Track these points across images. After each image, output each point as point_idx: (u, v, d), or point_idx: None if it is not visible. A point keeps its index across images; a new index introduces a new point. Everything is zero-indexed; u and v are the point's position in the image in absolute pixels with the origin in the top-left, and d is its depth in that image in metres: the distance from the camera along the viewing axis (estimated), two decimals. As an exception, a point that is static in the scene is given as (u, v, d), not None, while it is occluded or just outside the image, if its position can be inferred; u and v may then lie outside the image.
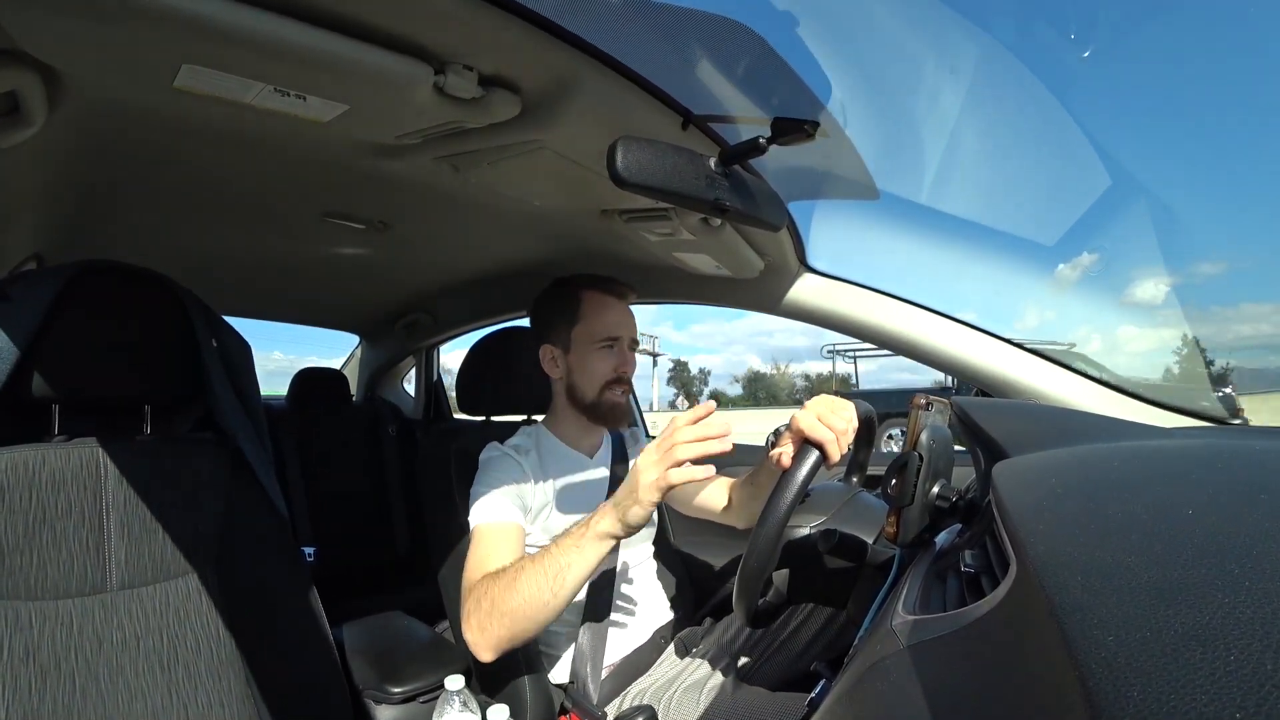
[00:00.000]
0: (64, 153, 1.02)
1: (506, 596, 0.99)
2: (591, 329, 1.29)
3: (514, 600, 0.98)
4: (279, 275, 1.97)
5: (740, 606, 0.88)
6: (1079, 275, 1.41)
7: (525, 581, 0.98)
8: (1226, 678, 0.24)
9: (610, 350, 1.29)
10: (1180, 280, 1.25)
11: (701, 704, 1.10)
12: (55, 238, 1.42)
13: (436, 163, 1.08)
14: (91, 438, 0.97)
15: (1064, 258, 1.38)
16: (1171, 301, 1.30)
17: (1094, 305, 1.45)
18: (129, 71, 0.75)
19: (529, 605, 0.98)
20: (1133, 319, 1.41)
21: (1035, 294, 1.45)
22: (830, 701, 0.58)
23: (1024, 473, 0.55)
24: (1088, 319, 1.46)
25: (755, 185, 0.92)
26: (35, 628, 0.88)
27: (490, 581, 1.02)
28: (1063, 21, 1.11)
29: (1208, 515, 0.37)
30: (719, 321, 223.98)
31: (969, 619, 0.45)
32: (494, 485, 1.17)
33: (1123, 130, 1.22)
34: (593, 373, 1.29)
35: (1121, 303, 1.41)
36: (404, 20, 0.70)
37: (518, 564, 1.02)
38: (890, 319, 1.36)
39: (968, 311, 1.32)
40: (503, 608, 0.99)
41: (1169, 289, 1.30)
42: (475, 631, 1.01)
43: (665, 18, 0.84)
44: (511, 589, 0.99)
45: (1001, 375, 1.28)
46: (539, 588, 0.98)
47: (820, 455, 0.87)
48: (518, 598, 0.98)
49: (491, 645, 1.01)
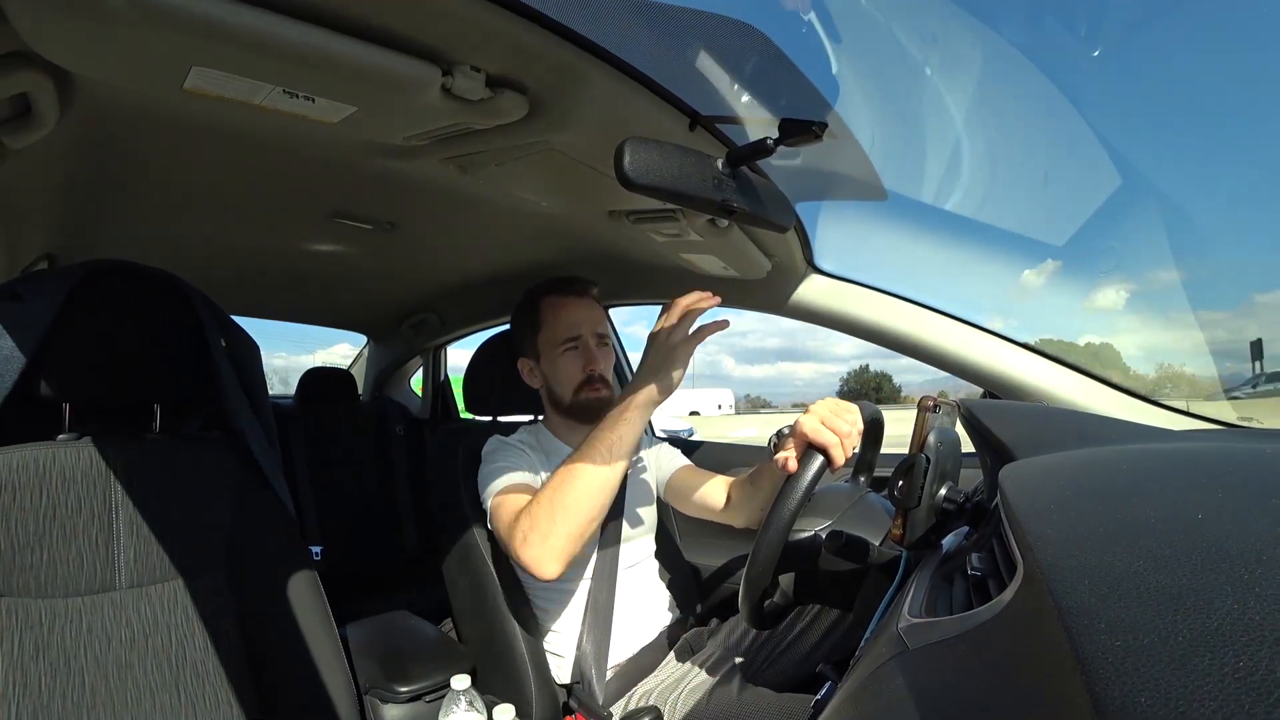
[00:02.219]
0: (75, 154, 1.02)
1: (564, 491, 1.01)
2: (554, 333, 1.31)
3: (573, 489, 1.01)
4: (287, 275, 1.98)
5: (746, 608, 0.88)
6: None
7: (580, 467, 1.01)
8: (1235, 683, 0.24)
9: (574, 350, 1.30)
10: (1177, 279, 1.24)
11: (707, 705, 1.10)
12: (66, 238, 1.43)
13: (444, 164, 1.08)
14: (101, 436, 0.98)
15: (1073, 257, 1.37)
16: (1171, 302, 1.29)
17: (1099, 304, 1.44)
18: (139, 74, 0.76)
19: (589, 487, 1.00)
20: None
21: (1044, 294, 1.44)
22: (836, 703, 0.58)
23: (1032, 475, 0.55)
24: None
25: (762, 186, 0.91)
26: (45, 625, 0.89)
27: (536, 500, 1.04)
28: (1072, 20, 1.10)
29: (1217, 519, 0.37)
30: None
31: (975, 622, 0.45)
32: (506, 465, 1.20)
33: (1133, 129, 1.21)
34: (564, 376, 1.30)
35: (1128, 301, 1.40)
36: (412, 22, 0.70)
37: (562, 466, 1.05)
38: (897, 320, 1.36)
39: (974, 312, 1.32)
40: (562, 503, 1.01)
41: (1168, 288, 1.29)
42: (535, 546, 1.01)
43: (672, 19, 0.84)
44: (568, 480, 1.01)
45: (1009, 377, 1.27)
46: (595, 467, 1.01)
47: (825, 461, 0.87)
48: (577, 484, 1.01)
49: (555, 553, 1.01)
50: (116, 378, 0.99)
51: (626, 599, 1.28)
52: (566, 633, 1.25)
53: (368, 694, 1.15)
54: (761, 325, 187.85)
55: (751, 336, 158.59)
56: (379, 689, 1.17)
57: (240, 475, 1.07)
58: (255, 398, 1.13)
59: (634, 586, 1.32)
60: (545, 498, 1.03)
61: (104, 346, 0.97)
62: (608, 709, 1.16)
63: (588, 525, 1.01)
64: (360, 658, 1.21)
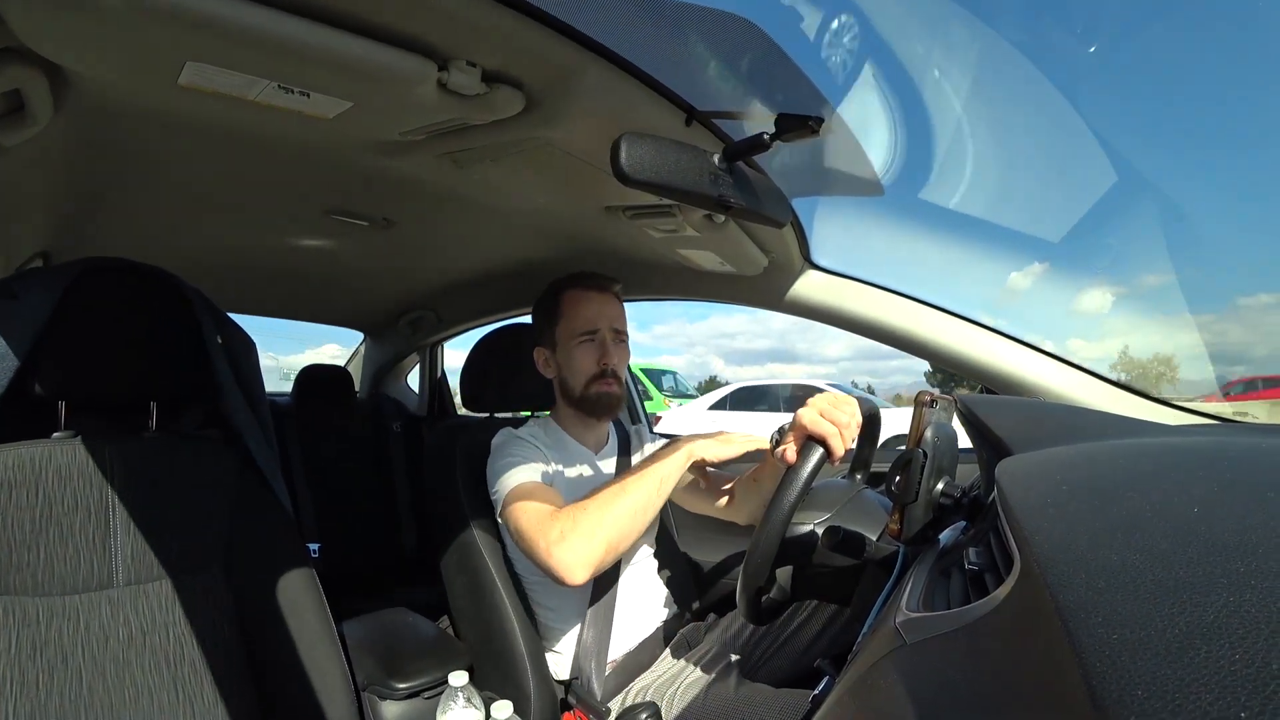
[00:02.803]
0: (69, 150, 1.02)
1: (615, 504, 1.05)
2: (571, 325, 1.32)
3: (622, 504, 1.05)
4: (284, 272, 1.97)
5: (744, 603, 0.88)
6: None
7: (634, 483, 1.07)
8: (1231, 676, 0.24)
9: (591, 343, 1.31)
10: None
11: (705, 700, 1.10)
12: (61, 235, 1.42)
13: (440, 159, 1.08)
14: (98, 434, 0.98)
15: (1069, 254, 1.37)
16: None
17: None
18: (133, 69, 0.76)
19: (636, 506, 1.05)
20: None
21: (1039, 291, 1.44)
22: (834, 698, 0.58)
23: (1029, 470, 0.55)
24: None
25: (759, 181, 0.91)
26: (42, 623, 0.89)
27: (580, 506, 1.07)
28: (1068, 17, 1.10)
29: (1213, 513, 0.37)
30: (681, 322, 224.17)
31: (972, 616, 0.45)
32: (520, 458, 1.22)
33: (1130, 127, 1.22)
34: (578, 367, 1.31)
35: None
36: (407, 17, 0.70)
37: (611, 484, 1.09)
38: (894, 315, 1.36)
39: (969, 307, 1.32)
40: (611, 513, 1.04)
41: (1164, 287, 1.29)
42: (572, 549, 1.02)
43: (669, 13, 0.84)
44: (620, 495, 1.06)
45: (1006, 372, 1.27)
46: (645, 495, 1.06)
47: (824, 452, 0.87)
48: (626, 501, 1.05)
49: (591, 560, 1.02)
50: (112, 375, 0.98)
51: (626, 595, 1.29)
52: (565, 629, 1.25)
53: (366, 691, 1.15)
54: (751, 326, 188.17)
55: (740, 338, 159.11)
56: (377, 686, 1.17)
57: (237, 473, 1.07)
58: (252, 395, 1.12)
59: (633, 582, 1.32)
60: (595, 505, 1.06)
61: (100, 344, 0.97)
62: (605, 705, 1.16)
63: (625, 541, 1.05)
64: (358, 655, 1.21)
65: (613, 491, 1.07)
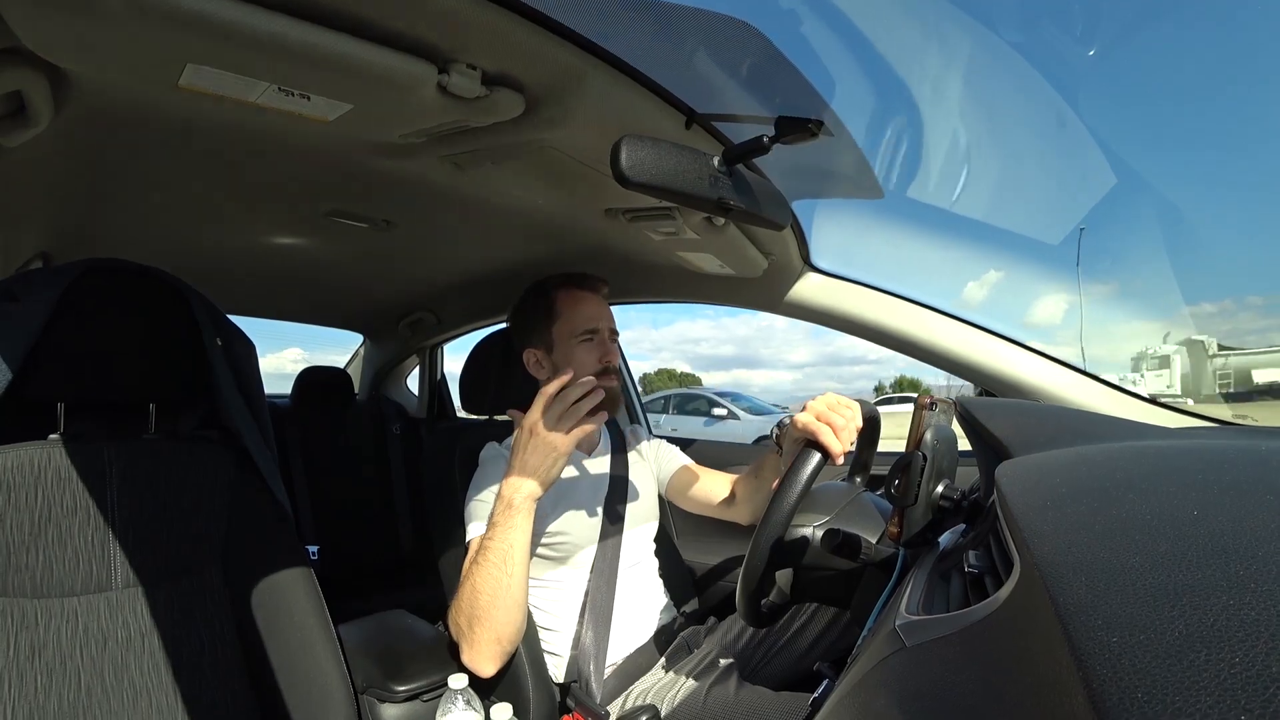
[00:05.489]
0: (69, 151, 1.02)
1: (473, 603, 1.04)
2: (572, 324, 1.31)
3: (480, 602, 1.03)
4: (283, 274, 1.97)
5: (743, 606, 0.88)
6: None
7: (482, 580, 1.03)
8: (1231, 679, 0.24)
9: (592, 342, 1.31)
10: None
11: (704, 704, 1.10)
12: (61, 236, 1.42)
13: (440, 162, 1.08)
14: (96, 436, 0.97)
15: (1067, 255, 1.38)
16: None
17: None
18: (133, 71, 0.76)
19: (493, 598, 1.02)
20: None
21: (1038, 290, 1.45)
22: (833, 701, 0.58)
23: (1028, 473, 0.55)
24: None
25: (759, 184, 0.91)
26: (41, 625, 0.88)
27: (451, 612, 1.08)
28: (1068, 20, 1.10)
29: (1213, 516, 0.37)
30: (645, 328, 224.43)
31: (972, 619, 0.45)
32: (485, 502, 1.16)
33: (1129, 126, 1.22)
34: (579, 366, 1.29)
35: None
36: (407, 19, 0.70)
37: (469, 570, 1.07)
38: (894, 318, 1.36)
39: (971, 308, 1.32)
40: (474, 614, 1.04)
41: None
42: (466, 652, 1.06)
43: (669, 16, 0.84)
44: (473, 595, 1.04)
45: (1006, 375, 1.27)
46: (495, 580, 1.03)
47: (823, 454, 0.87)
48: (482, 598, 1.03)
49: (487, 656, 1.05)
50: (111, 377, 0.98)
51: (625, 597, 1.28)
52: (564, 631, 1.25)
53: (365, 693, 1.15)
54: (714, 333, 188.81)
55: (705, 344, 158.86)
56: (376, 688, 1.16)
57: (236, 475, 1.07)
58: (251, 397, 1.12)
59: (633, 585, 1.32)
60: (458, 612, 1.06)
61: (99, 345, 0.97)
62: (605, 708, 1.16)
63: (505, 628, 1.04)
64: (357, 657, 1.21)
65: (467, 591, 1.05)
